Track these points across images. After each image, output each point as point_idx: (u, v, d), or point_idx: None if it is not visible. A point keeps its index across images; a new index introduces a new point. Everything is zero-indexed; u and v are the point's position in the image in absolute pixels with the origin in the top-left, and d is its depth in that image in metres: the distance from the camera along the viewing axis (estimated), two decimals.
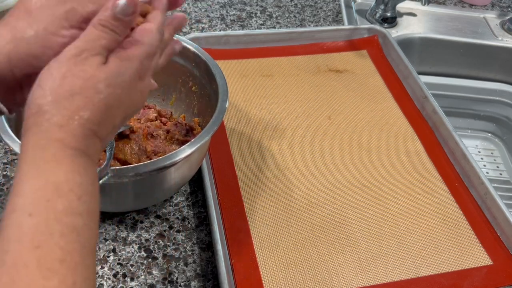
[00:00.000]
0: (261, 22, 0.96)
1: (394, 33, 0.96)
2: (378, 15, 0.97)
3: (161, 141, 0.60)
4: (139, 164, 0.49)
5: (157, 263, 0.56)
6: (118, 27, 0.33)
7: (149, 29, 0.35)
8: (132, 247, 0.57)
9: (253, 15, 0.98)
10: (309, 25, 0.96)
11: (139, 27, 0.35)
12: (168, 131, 0.61)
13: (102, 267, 0.55)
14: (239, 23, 0.95)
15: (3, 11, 0.75)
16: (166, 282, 0.54)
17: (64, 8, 0.34)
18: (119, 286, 0.53)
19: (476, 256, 0.58)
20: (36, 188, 0.29)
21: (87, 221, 0.30)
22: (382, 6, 0.97)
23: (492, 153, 1.04)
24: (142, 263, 0.56)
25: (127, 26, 0.34)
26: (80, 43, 0.33)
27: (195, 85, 0.64)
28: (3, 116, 0.50)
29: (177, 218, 0.61)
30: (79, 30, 0.34)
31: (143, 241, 0.58)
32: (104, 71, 0.33)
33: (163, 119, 0.64)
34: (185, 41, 0.63)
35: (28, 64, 0.34)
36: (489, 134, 1.06)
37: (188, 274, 0.55)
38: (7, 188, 0.61)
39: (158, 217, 0.61)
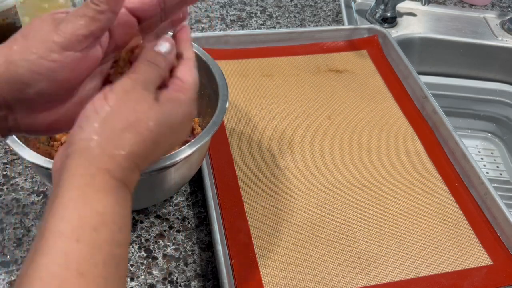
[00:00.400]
0: (261, 22, 0.96)
1: (394, 33, 0.96)
2: (378, 15, 0.97)
3: None
4: None
5: (157, 263, 0.56)
6: (161, 62, 0.35)
7: (190, 68, 0.37)
8: (132, 247, 0.57)
9: (253, 15, 0.98)
10: (309, 25, 0.96)
11: (181, 67, 0.37)
12: None
13: None
14: (239, 23, 0.95)
15: (3, 11, 0.75)
16: (166, 282, 0.54)
17: (58, 32, 0.33)
18: None
19: (476, 256, 0.58)
20: (83, 215, 0.29)
21: (123, 252, 0.31)
22: (382, 6, 0.97)
23: (492, 153, 1.04)
24: (142, 263, 0.56)
25: (169, 63, 0.36)
26: (133, 75, 0.34)
27: None
28: None
29: (177, 218, 0.61)
30: (75, 52, 0.33)
31: (143, 241, 0.58)
32: (157, 110, 0.33)
33: None
34: None
35: (17, 89, 0.33)
36: (489, 134, 1.06)
37: (188, 274, 0.55)
38: (7, 188, 0.61)
39: (158, 217, 0.61)
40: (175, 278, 0.55)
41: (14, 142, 0.48)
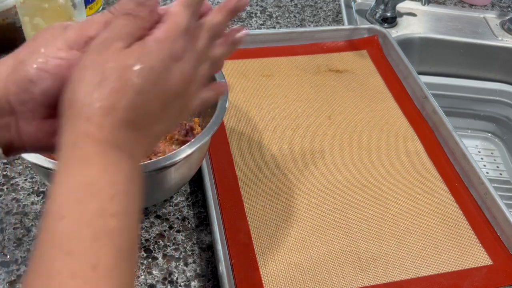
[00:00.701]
0: (261, 22, 0.96)
1: (394, 33, 0.96)
2: (378, 15, 0.97)
3: (161, 141, 0.60)
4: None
5: (157, 263, 0.56)
6: (141, 11, 0.32)
7: (174, 7, 0.34)
8: None
9: (253, 15, 0.98)
10: (309, 25, 0.96)
11: (166, 9, 0.35)
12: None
13: None
14: (239, 23, 0.95)
15: (3, 11, 0.75)
16: (166, 282, 0.54)
17: (66, 33, 0.34)
18: None
19: (476, 256, 0.58)
20: (67, 188, 0.28)
21: (122, 223, 0.29)
22: (382, 6, 0.97)
23: (492, 153, 1.04)
24: (142, 263, 0.56)
25: (152, 10, 0.33)
26: (105, 33, 0.32)
27: None
28: None
29: (177, 218, 0.61)
30: (81, 52, 0.34)
31: (143, 241, 0.58)
32: (127, 54, 0.31)
33: None
34: None
35: (24, 89, 0.33)
36: (489, 134, 1.06)
37: (188, 274, 0.55)
38: (7, 188, 0.62)
39: (158, 217, 0.61)
40: (175, 278, 0.55)
41: None
